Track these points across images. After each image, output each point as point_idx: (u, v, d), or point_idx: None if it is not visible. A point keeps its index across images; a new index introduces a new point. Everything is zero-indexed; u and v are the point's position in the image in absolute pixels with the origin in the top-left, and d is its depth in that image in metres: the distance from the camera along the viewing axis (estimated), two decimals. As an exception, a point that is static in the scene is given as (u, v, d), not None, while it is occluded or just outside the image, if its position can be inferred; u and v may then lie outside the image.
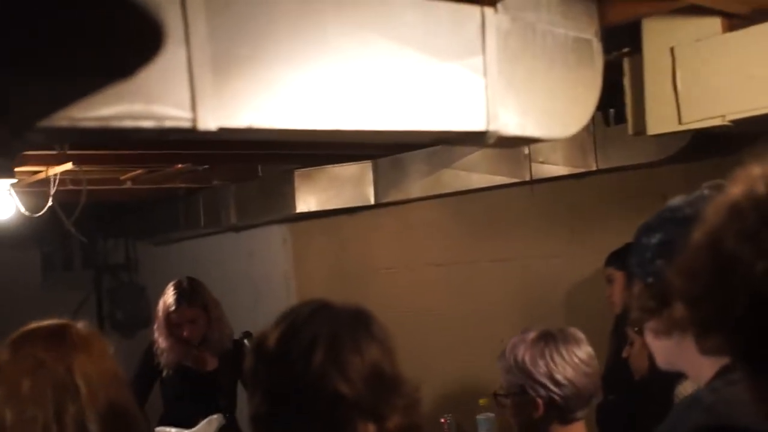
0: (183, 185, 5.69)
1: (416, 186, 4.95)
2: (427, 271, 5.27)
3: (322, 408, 1.42)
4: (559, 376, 2.15)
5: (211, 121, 1.60)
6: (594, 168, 4.09)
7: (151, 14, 0.73)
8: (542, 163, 4.28)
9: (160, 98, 1.55)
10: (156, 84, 1.54)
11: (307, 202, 5.30)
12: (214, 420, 3.87)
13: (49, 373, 1.62)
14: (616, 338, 3.87)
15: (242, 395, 4.12)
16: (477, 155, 4.50)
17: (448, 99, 2.00)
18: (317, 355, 1.46)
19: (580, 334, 2.29)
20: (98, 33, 0.83)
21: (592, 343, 3.87)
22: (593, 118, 2.79)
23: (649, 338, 1.59)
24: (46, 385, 1.61)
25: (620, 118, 3.59)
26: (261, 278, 6.36)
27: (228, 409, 4.08)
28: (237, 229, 6.26)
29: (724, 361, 1.41)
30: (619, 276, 3.75)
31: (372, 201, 5.20)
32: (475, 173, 4.61)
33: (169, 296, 4.05)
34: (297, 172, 5.27)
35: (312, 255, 6.04)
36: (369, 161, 5.13)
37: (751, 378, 0.90)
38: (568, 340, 2.23)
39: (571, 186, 4.41)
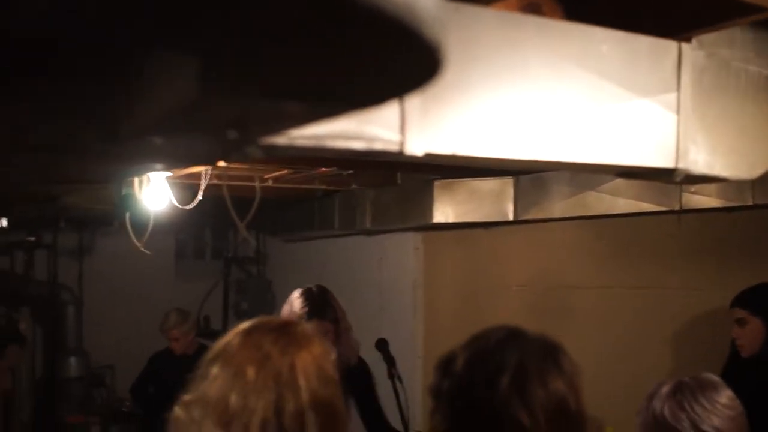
0: (322, 187, 5.78)
1: (558, 206, 4.90)
2: (561, 292, 5.21)
3: None
4: (705, 427, 2.07)
5: (417, 146, 1.62)
6: (750, 203, 3.97)
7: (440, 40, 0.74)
8: (693, 193, 4.18)
9: (372, 119, 1.58)
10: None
11: (444, 213, 5.32)
12: None
13: (274, 367, 1.66)
14: (741, 388, 3.74)
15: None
16: (624, 180, 4.43)
17: (641, 134, 1.98)
18: (503, 383, 1.46)
19: (717, 378, 2.21)
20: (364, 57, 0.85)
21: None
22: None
23: None
24: (270, 377, 1.65)
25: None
26: (388, 284, 6.41)
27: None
28: (369, 233, 6.33)
29: None
30: (754, 321, 3.64)
31: (510, 217, 5.17)
32: (620, 198, 4.53)
33: (298, 306, 3.72)
34: (437, 183, 5.29)
35: (443, 265, 6.05)
36: (510, 177, 5.11)
37: None
38: (705, 387, 2.14)
39: (722, 219, 4.30)
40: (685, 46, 2.06)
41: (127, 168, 1.95)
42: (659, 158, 2.02)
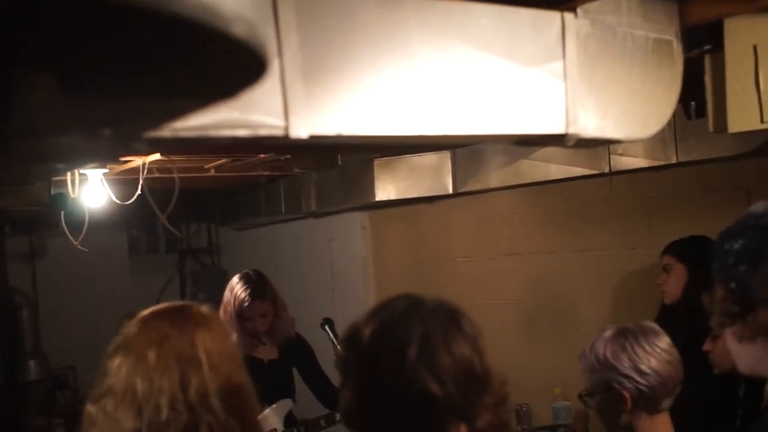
0: (265, 173, 5.83)
1: (494, 176, 4.99)
2: (505, 261, 5.31)
3: (413, 408, 1.46)
4: (643, 366, 2.18)
5: (302, 129, 1.69)
6: (674, 161, 4.08)
7: (249, 37, 0.81)
8: (621, 155, 4.29)
9: (255, 107, 1.64)
10: (252, 94, 1.63)
11: (386, 190, 5.39)
12: (285, 403, 4.09)
13: (173, 346, 1.73)
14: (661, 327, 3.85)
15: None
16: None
17: (529, 103, 2.05)
18: (410, 355, 1.49)
19: (657, 327, 2.32)
20: (203, 61, 0.92)
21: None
22: (674, 112, 2.81)
23: (731, 343, 1.61)
24: (170, 356, 1.72)
25: (701, 112, 3.57)
26: (339, 264, 6.49)
27: (293, 396, 4.20)
28: (317, 215, 6.39)
29: None
30: (678, 267, 3.76)
31: (450, 190, 5.26)
32: (553, 164, 4.63)
33: (240, 290, 4.06)
34: (376, 161, 5.35)
35: (390, 242, 6.14)
36: (447, 151, 5.19)
37: None
38: (647, 332, 2.26)
39: (650, 178, 4.41)
40: (567, 15, 2.14)
41: (28, 169, 2.00)
42: (550, 125, 2.10)
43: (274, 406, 4.01)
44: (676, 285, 3.75)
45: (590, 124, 2.15)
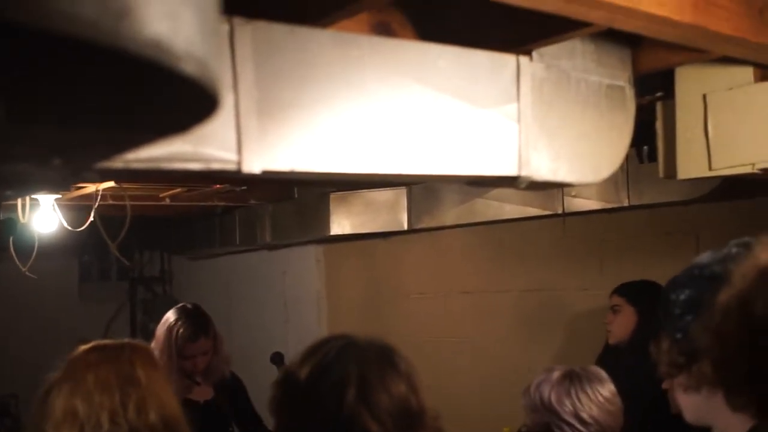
0: (221, 203, 5.80)
1: (449, 214, 5.02)
2: (458, 298, 5.33)
3: None
4: (584, 415, 2.21)
5: (255, 164, 1.68)
6: (626, 204, 4.14)
7: (199, 74, 0.80)
8: (574, 197, 4.34)
9: (208, 141, 1.64)
10: (205, 128, 1.62)
11: (341, 224, 5.39)
12: None
13: (112, 367, 1.75)
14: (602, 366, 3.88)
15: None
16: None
17: (483, 145, 2.07)
18: (348, 396, 1.50)
19: (603, 373, 2.35)
20: (154, 95, 0.91)
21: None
22: (627, 155, 2.85)
23: (678, 393, 1.63)
24: (110, 375, 1.74)
25: (653, 156, 3.63)
26: (293, 297, 6.45)
27: None
28: (272, 247, 6.36)
29: (754, 421, 1.46)
30: (627, 310, 3.79)
31: (405, 227, 5.27)
32: (507, 204, 4.67)
33: (181, 327, 3.63)
34: (332, 195, 5.35)
35: (345, 277, 6.13)
36: (404, 188, 5.21)
37: None
38: (592, 378, 2.29)
39: (603, 220, 4.47)
40: (523, 59, 2.17)
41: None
42: (503, 167, 2.12)
43: None
44: (624, 326, 3.78)
45: (543, 167, 2.17)
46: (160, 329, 3.71)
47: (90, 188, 4.50)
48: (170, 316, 3.75)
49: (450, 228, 5.13)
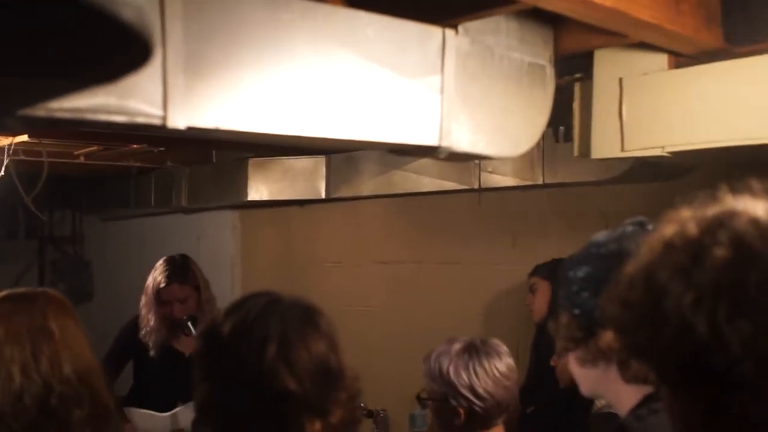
0: (137, 164, 5.71)
1: (368, 184, 5.05)
2: (373, 268, 5.38)
3: (270, 404, 1.49)
4: (480, 390, 2.29)
5: (180, 120, 1.69)
6: (540, 182, 4.23)
7: (137, 22, 0.82)
8: (491, 172, 4.41)
9: (133, 94, 1.63)
10: (131, 80, 1.62)
11: (259, 191, 5.37)
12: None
13: (24, 318, 1.72)
14: (537, 349, 4.01)
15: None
16: (429, 159, 4.61)
17: (405, 113, 2.11)
18: (269, 352, 1.51)
19: (503, 347, 2.42)
20: (85, 39, 0.92)
21: (525, 349, 4.02)
22: (543, 134, 2.92)
23: (574, 366, 1.69)
24: (22, 327, 1.71)
25: (569, 136, 3.73)
26: (207, 262, 6.36)
27: None
28: (187, 211, 6.30)
29: (646, 390, 1.53)
30: (543, 285, 3.91)
31: (323, 195, 5.28)
32: (425, 176, 4.72)
33: (159, 272, 3.86)
34: (251, 161, 5.33)
35: (260, 243, 6.12)
36: (323, 156, 5.22)
37: (672, 404, 1.00)
38: (491, 353, 2.36)
39: (517, 197, 4.56)
40: (449, 32, 2.21)
41: None
42: (424, 136, 2.16)
43: (189, 404, 3.67)
44: (542, 303, 3.89)
45: (463, 139, 2.22)
46: (149, 277, 3.89)
47: (2, 142, 4.38)
48: (158, 263, 3.93)
49: (368, 198, 5.16)
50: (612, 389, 1.62)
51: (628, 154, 2.75)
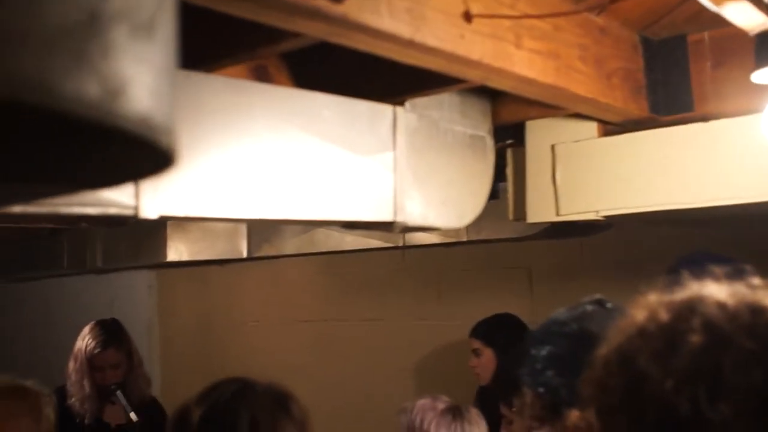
0: (49, 226, 5.56)
1: (289, 243, 5.04)
2: (295, 327, 5.36)
3: None
4: None
5: (152, 209, 1.69)
6: (464, 239, 4.32)
7: (174, 144, 0.83)
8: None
9: (106, 187, 1.63)
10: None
11: (178, 251, 5.28)
12: None
13: None
14: (481, 412, 4.05)
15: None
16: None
17: (361, 191, 2.15)
18: None
19: (482, 420, 2.49)
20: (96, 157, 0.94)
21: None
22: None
23: None
24: None
25: (494, 195, 3.83)
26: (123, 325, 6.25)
27: None
28: (100, 272, 6.15)
29: None
30: (486, 351, 3.94)
31: (244, 254, 5.24)
32: (348, 235, 4.75)
33: (91, 337, 3.72)
34: (170, 221, 5.25)
35: (178, 303, 6.02)
36: (244, 215, 5.19)
37: None
38: (472, 422, 2.44)
39: (442, 254, 4.64)
40: (399, 109, 2.27)
41: None
42: (379, 212, 2.20)
43: None
44: (487, 368, 3.90)
45: (415, 213, 2.28)
46: (77, 342, 3.77)
47: None
48: (86, 328, 3.82)
49: (290, 257, 5.16)
50: None
51: (564, 218, 2.85)
